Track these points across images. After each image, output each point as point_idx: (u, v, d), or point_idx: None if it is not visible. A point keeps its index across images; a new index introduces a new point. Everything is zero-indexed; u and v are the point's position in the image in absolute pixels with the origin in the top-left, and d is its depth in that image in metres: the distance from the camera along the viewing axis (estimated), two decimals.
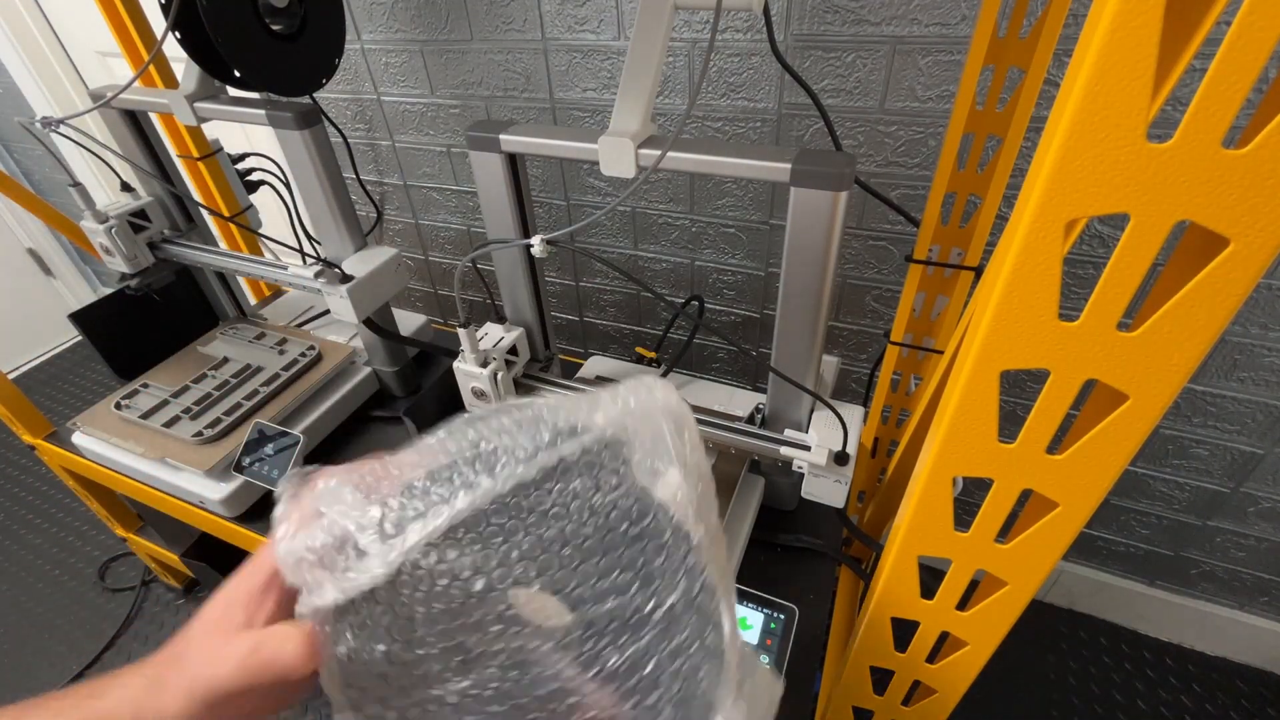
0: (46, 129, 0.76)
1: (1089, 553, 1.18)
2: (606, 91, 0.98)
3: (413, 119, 1.17)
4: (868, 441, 0.92)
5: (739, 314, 1.14)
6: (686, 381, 0.88)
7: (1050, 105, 0.74)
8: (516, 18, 0.96)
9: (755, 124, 0.92)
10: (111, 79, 1.62)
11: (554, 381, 0.77)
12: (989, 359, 0.28)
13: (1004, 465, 0.31)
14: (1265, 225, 0.21)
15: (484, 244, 0.68)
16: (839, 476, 0.62)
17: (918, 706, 0.49)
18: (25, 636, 1.34)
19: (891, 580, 0.40)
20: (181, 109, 0.77)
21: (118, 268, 0.94)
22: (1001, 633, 0.39)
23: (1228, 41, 0.19)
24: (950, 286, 0.75)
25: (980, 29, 0.59)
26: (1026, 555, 0.34)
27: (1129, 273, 0.24)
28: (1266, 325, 0.83)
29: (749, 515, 0.73)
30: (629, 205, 1.09)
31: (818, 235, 0.53)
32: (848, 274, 1.00)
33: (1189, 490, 1.01)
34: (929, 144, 0.84)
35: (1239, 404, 0.90)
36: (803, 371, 0.63)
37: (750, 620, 0.57)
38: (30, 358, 2.12)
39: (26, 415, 1.01)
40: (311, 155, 0.75)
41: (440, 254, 1.37)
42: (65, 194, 1.93)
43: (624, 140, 0.55)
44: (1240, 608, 1.12)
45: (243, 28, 0.66)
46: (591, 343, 1.35)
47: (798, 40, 0.82)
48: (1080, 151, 0.22)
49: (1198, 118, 0.20)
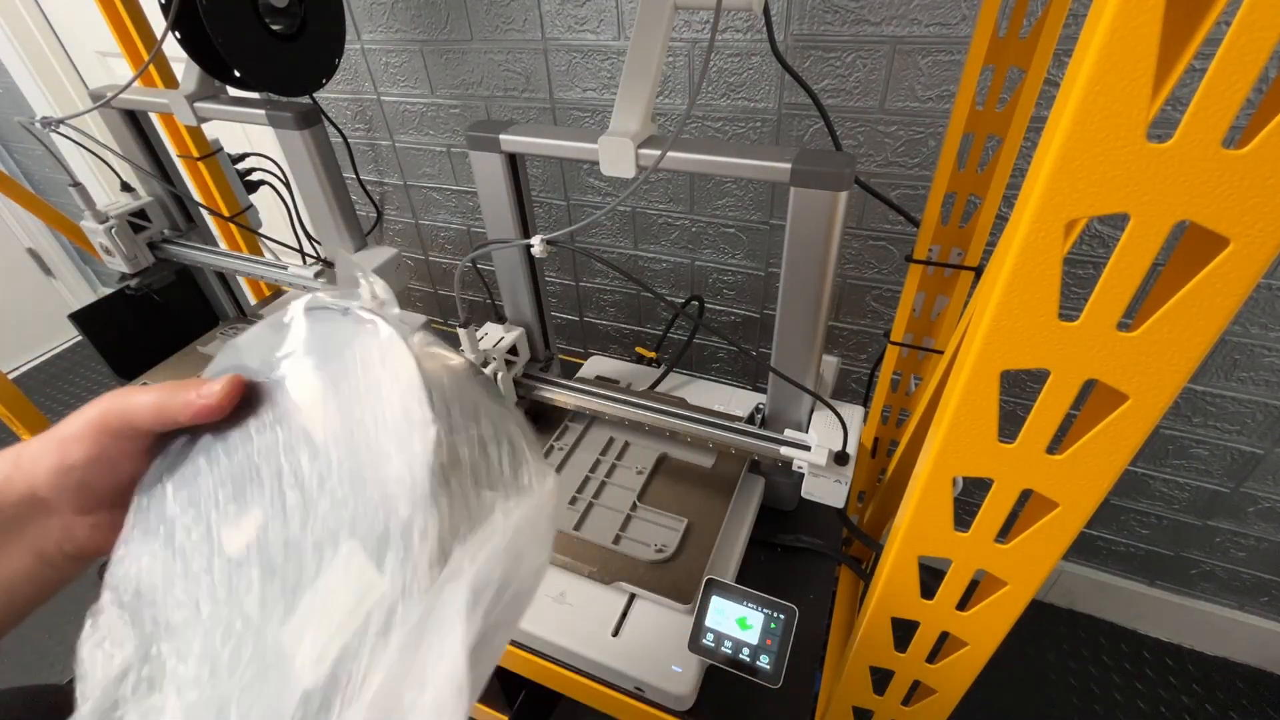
0: (46, 129, 0.76)
1: (1089, 553, 1.18)
2: (606, 91, 0.98)
3: (413, 119, 1.17)
4: (868, 441, 0.92)
5: (739, 314, 1.14)
6: (686, 381, 0.88)
7: (1050, 105, 0.74)
8: (516, 18, 0.96)
9: (755, 124, 0.92)
10: (111, 79, 1.62)
11: (554, 381, 0.77)
12: (989, 359, 0.28)
13: (1004, 465, 0.31)
14: (1265, 225, 0.21)
15: (484, 244, 0.68)
16: (839, 476, 0.62)
17: (918, 706, 0.49)
18: (25, 636, 1.34)
19: (891, 580, 0.40)
20: (181, 109, 0.77)
21: (118, 268, 0.94)
22: (1001, 633, 0.39)
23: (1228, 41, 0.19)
24: (950, 286, 0.75)
25: (980, 29, 0.59)
26: (1026, 555, 0.34)
27: (1129, 273, 0.24)
28: (1266, 325, 0.83)
29: (749, 515, 0.73)
30: (629, 205, 1.09)
31: (818, 235, 0.53)
32: (848, 274, 1.00)
33: (1189, 490, 1.01)
34: (929, 144, 0.84)
35: (1239, 404, 0.90)
36: (803, 371, 0.63)
37: (750, 620, 0.57)
38: (30, 358, 2.12)
39: (27, 415, 1.01)
40: (311, 155, 0.75)
41: (440, 254, 1.37)
42: (65, 194, 1.93)
43: (624, 140, 0.55)
44: (1240, 608, 1.12)
45: (243, 28, 0.66)
46: (591, 343, 1.35)
47: (798, 40, 0.82)
48: (1080, 151, 0.22)
49: (1198, 118, 0.20)
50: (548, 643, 0.62)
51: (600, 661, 0.60)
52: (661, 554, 0.65)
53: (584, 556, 0.66)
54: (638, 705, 0.60)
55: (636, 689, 0.60)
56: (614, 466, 0.76)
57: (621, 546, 0.66)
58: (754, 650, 0.56)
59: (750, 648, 0.56)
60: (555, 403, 0.77)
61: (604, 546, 0.66)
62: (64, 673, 1.26)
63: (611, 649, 0.60)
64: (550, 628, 0.62)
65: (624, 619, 0.62)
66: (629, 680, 0.60)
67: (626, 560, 0.65)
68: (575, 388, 0.76)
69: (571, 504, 0.71)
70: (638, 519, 0.69)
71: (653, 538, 0.67)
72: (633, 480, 0.73)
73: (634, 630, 0.62)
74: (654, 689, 0.58)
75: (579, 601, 0.64)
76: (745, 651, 0.56)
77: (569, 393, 0.76)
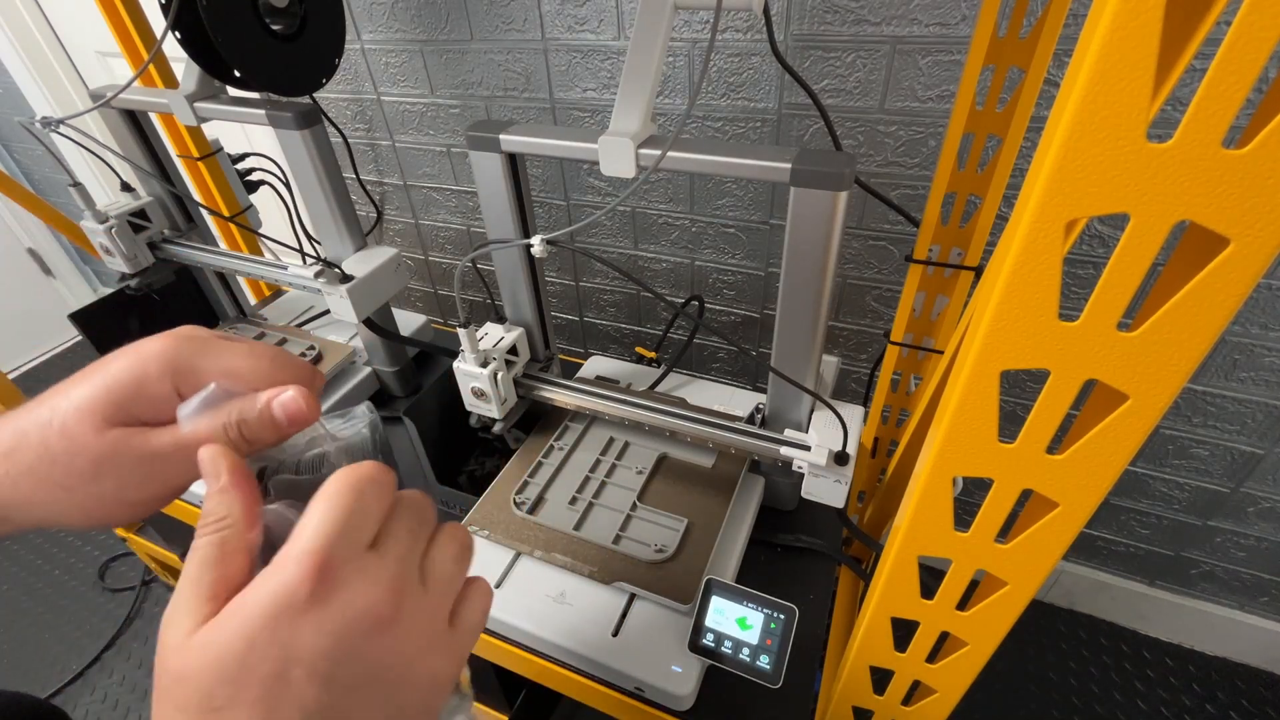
0: (46, 129, 0.76)
1: (1089, 553, 1.18)
2: (606, 91, 0.98)
3: (413, 119, 1.17)
4: (868, 441, 0.92)
5: (739, 314, 1.14)
6: (686, 381, 0.88)
7: (1050, 105, 0.74)
8: (516, 18, 0.96)
9: (755, 124, 0.92)
10: (111, 79, 1.62)
11: (554, 381, 0.77)
12: (989, 359, 0.28)
13: (1004, 465, 0.31)
14: (1265, 225, 0.21)
15: (484, 244, 0.68)
16: (839, 476, 0.62)
17: (918, 706, 0.49)
18: (25, 636, 1.34)
19: (891, 580, 0.40)
20: (181, 109, 0.77)
21: (118, 268, 0.94)
22: (1001, 633, 0.39)
23: (1228, 41, 0.19)
24: (950, 286, 0.75)
25: (980, 29, 0.59)
26: (1026, 555, 0.34)
27: (1129, 273, 0.24)
28: (1266, 325, 0.83)
29: (749, 515, 0.73)
30: (629, 205, 1.09)
31: (818, 235, 0.53)
32: (848, 274, 1.00)
33: (1189, 490, 1.01)
34: (929, 144, 0.84)
35: (1239, 404, 0.90)
36: (803, 371, 0.63)
37: (750, 620, 0.57)
38: (30, 358, 2.13)
39: None
40: (311, 155, 0.75)
41: (440, 254, 1.37)
42: (65, 194, 1.93)
43: (624, 140, 0.55)
44: (1240, 608, 1.12)
45: (243, 28, 0.66)
46: (591, 343, 1.35)
47: (798, 40, 0.82)
48: (1080, 151, 0.22)
49: (1198, 118, 0.20)
50: (548, 643, 0.62)
51: (600, 661, 0.60)
52: (661, 554, 0.65)
53: (584, 556, 0.66)
54: (638, 705, 0.60)
55: (636, 689, 0.60)
56: (614, 466, 0.76)
57: (621, 546, 0.66)
58: (754, 650, 0.56)
59: (750, 648, 0.56)
60: (555, 403, 0.77)
61: (604, 546, 0.66)
62: (64, 673, 1.26)
63: (611, 649, 0.60)
64: (550, 628, 0.62)
65: (624, 619, 0.62)
66: (629, 680, 0.60)
67: (626, 560, 0.65)
68: (575, 388, 0.76)
69: (571, 504, 0.71)
70: (638, 519, 0.69)
71: (653, 538, 0.67)
72: (633, 480, 0.73)
73: (634, 630, 0.62)
74: (654, 689, 0.58)
75: (579, 601, 0.64)
76: (745, 651, 0.56)
77: (569, 393, 0.76)
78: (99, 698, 1.23)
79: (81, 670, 1.27)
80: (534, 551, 0.67)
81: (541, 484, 0.74)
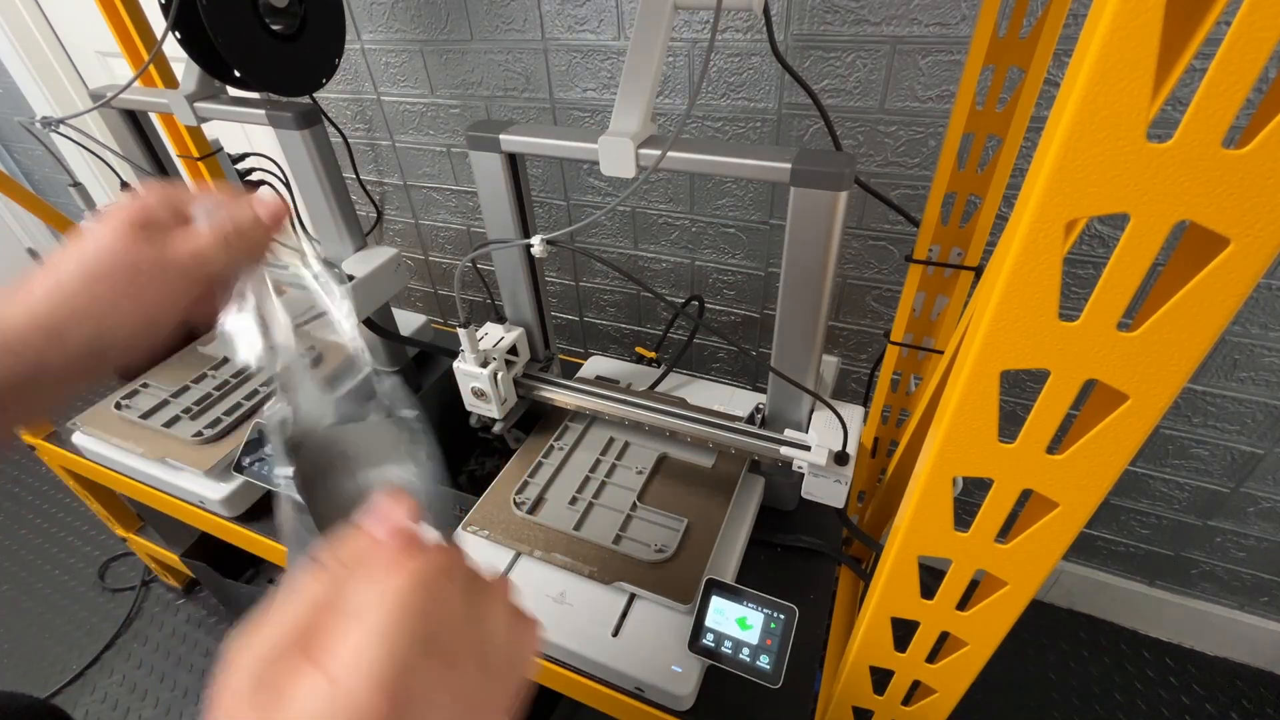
0: (46, 129, 0.76)
1: (1089, 553, 1.18)
2: (606, 91, 0.98)
3: (413, 119, 1.17)
4: (868, 441, 0.92)
5: (739, 314, 1.14)
6: (686, 381, 0.88)
7: (1050, 105, 0.74)
8: (516, 18, 0.96)
9: (755, 124, 0.92)
10: (111, 79, 1.62)
11: (554, 381, 0.77)
12: (989, 359, 0.28)
13: (1004, 465, 0.31)
14: (1265, 225, 0.21)
15: (484, 244, 0.68)
16: (839, 476, 0.62)
17: (918, 706, 0.49)
18: (25, 636, 1.34)
19: (891, 580, 0.40)
20: (181, 109, 0.77)
21: None
22: (1001, 633, 0.39)
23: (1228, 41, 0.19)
24: (950, 286, 0.75)
25: (980, 29, 0.59)
26: (1026, 555, 0.34)
27: (1129, 273, 0.24)
28: (1266, 325, 0.82)
29: (749, 515, 0.73)
30: (629, 205, 1.09)
31: (818, 235, 0.54)
32: (848, 274, 1.00)
33: (1189, 490, 1.01)
34: (929, 144, 0.84)
35: (1239, 404, 0.90)
36: (803, 371, 0.63)
37: (750, 620, 0.57)
38: None
39: None
40: (311, 155, 0.75)
41: (440, 254, 1.37)
42: (65, 194, 1.93)
43: (624, 140, 0.55)
44: (1240, 608, 1.12)
45: (243, 28, 0.66)
46: (591, 343, 1.35)
47: (798, 40, 0.82)
48: (1080, 151, 0.22)
49: (1198, 118, 0.20)
50: (548, 643, 0.62)
51: (600, 662, 0.60)
52: (661, 554, 0.65)
53: (584, 556, 0.66)
54: (638, 705, 0.60)
55: (636, 689, 0.60)
56: (614, 466, 0.76)
57: (621, 546, 0.66)
58: (754, 650, 0.56)
59: (750, 648, 0.56)
60: (555, 403, 0.77)
61: (604, 546, 0.66)
62: (64, 673, 1.26)
63: (611, 649, 0.60)
64: (550, 628, 0.62)
65: (624, 619, 0.62)
66: (629, 680, 0.60)
67: (626, 560, 0.65)
68: (575, 388, 0.76)
69: (571, 504, 0.71)
70: (638, 519, 0.69)
71: (653, 538, 0.67)
72: (633, 480, 0.74)
73: (634, 630, 0.62)
74: (654, 689, 0.58)
75: (579, 602, 0.64)
76: (745, 651, 0.56)
77: (569, 393, 0.76)
78: (99, 698, 1.23)
79: (81, 670, 1.27)
80: (534, 551, 0.67)
81: (541, 484, 0.74)
